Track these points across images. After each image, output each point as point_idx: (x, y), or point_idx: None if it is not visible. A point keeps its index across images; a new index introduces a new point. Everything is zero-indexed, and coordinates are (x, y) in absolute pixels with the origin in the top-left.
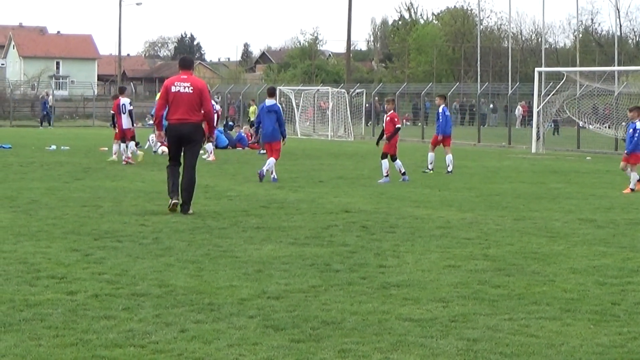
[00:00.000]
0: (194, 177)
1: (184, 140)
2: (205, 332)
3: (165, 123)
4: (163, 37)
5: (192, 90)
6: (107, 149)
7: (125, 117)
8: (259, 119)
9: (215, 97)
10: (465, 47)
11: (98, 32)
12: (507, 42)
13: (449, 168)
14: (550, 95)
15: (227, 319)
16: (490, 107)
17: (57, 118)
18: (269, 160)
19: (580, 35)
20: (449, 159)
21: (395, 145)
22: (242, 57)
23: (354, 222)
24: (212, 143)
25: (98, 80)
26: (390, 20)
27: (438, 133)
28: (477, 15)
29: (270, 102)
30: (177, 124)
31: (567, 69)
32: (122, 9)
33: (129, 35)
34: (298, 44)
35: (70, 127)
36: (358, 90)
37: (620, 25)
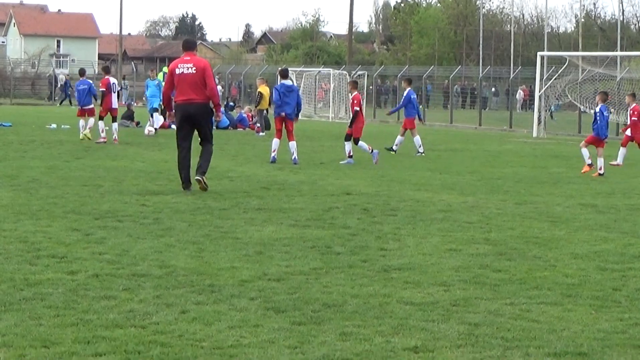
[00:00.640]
0: (211, 148)
1: (193, 120)
2: (206, 313)
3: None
4: (164, 16)
5: (195, 71)
6: (107, 128)
7: (114, 96)
8: (279, 99)
9: (216, 77)
10: (468, 30)
11: (99, 10)
12: (509, 25)
13: (420, 149)
14: (552, 80)
15: (227, 301)
16: (492, 90)
17: (57, 97)
18: (293, 145)
19: (583, 20)
20: (418, 141)
21: (359, 128)
22: (243, 37)
23: (355, 204)
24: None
25: (99, 59)
26: (393, 2)
27: (406, 117)
28: None
29: (288, 82)
30: (184, 104)
31: (569, 54)
32: None
33: (130, 15)
34: (300, 25)
35: (71, 106)
36: (359, 72)
37: (623, 10)
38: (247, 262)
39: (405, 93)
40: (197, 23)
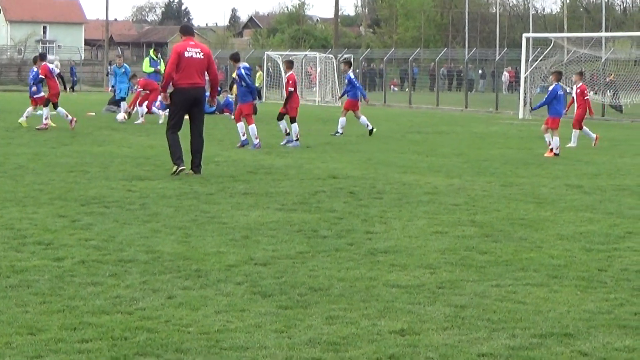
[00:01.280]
0: (203, 140)
1: (196, 104)
2: (193, 298)
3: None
4: (151, 1)
5: (202, 56)
6: (94, 114)
7: (54, 82)
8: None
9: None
10: (453, 12)
11: None
12: (495, 8)
13: (369, 127)
14: (538, 61)
15: (214, 286)
16: (479, 72)
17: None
18: (253, 128)
19: (568, 1)
20: (364, 121)
21: (294, 108)
22: (229, 22)
23: (342, 188)
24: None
25: (85, 45)
26: None
27: (351, 98)
28: None
29: (246, 64)
30: (190, 88)
31: (554, 35)
32: None
33: (117, 0)
34: (286, 9)
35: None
36: (346, 56)
37: None
38: (233, 246)
39: (346, 76)
40: (183, 8)
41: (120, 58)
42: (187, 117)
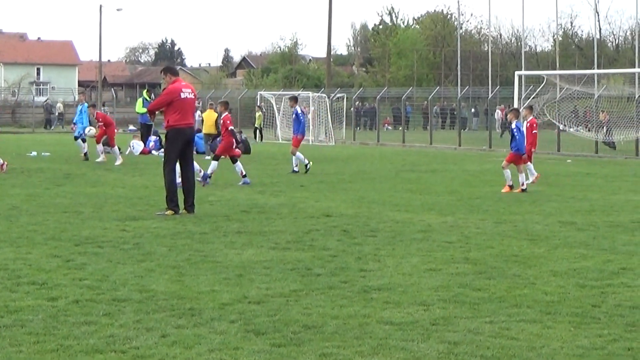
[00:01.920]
0: (195, 180)
1: (189, 144)
2: (186, 337)
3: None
4: (144, 42)
5: (193, 96)
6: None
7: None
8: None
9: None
10: (446, 51)
11: (78, 38)
12: (487, 45)
13: (296, 169)
14: (531, 99)
15: (208, 324)
16: (472, 111)
17: (37, 124)
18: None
19: (560, 39)
20: (300, 158)
21: (225, 148)
22: (222, 62)
23: (335, 226)
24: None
25: (79, 86)
26: (370, 25)
27: (296, 134)
28: (457, 20)
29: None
30: (188, 129)
31: (547, 72)
32: (102, 15)
33: (110, 41)
34: (278, 49)
35: (51, 132)
36: (339, 95)
37: (600, 29)
38: (227, 285)
39: (293, 111)
40: (176, 48)
41: (84, 94)
42: None
